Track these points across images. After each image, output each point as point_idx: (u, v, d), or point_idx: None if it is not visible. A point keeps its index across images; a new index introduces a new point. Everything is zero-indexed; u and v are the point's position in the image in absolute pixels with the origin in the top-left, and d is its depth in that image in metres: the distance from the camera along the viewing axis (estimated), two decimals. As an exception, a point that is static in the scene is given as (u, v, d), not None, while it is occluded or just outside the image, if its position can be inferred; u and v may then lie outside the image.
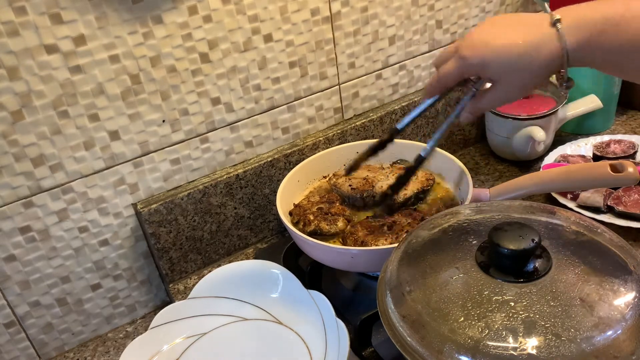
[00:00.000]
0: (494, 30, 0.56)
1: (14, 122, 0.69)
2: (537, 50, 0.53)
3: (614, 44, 0.50)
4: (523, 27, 0.55)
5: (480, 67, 0.57)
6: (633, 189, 0.85)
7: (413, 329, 0.48)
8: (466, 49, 0.57)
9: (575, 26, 0.51)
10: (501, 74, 0.57)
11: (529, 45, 0.54)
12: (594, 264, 0.50)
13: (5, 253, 0.74)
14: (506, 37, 0.55)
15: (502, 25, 0.56)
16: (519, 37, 0.54)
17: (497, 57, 0.55)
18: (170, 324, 0.74)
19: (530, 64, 0.55)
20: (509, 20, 0.57)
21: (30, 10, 0.65)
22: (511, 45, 0.54)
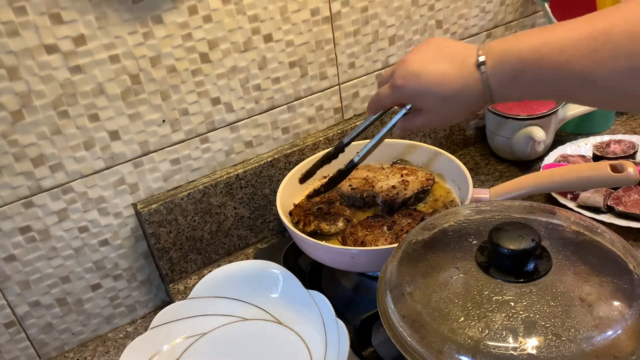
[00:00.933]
0: (427, 61, 0.59)
1: (14, 122, 0.69)
2: (464, 89, 0.56)
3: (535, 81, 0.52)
4: (453, 62, 0.57)
5: (411, 97, 0.61)
6: (633, 189, 0.85)
7: (413, 329, 0.48)
8: (400, 78, 0.60)
9: (498, 67, 0.53)
10: (430, 105, 0.61)
11: (457, 83, 0.56)
12: (594, 264, 0.50)
13: (5, 253, 0.74)
14: (437, 72, 0.57)
15: (435, 57, 0.58)
16: (449, 73, 0.57)
17: (427, 90, 0.59)
18: (170, 324, 0.74)
19: (457, 101, 0.58)
20: (441, 51, 0.59)
21: (30, 10, 0.65)
22: (441, 82, 0.57)
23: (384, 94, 0.64)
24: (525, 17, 1.11)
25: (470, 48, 0.56)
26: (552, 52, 0.49)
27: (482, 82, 0.54)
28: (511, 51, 0.52)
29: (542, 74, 0.51)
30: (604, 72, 0.47)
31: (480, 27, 1.05)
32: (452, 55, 0.57)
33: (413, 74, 0.59)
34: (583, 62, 0.48)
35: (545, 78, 0.51)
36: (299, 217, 0.80)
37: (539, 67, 0.51)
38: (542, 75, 0.51)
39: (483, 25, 1.05)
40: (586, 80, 0.49)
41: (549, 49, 0.49)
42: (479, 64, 0.54)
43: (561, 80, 0.51)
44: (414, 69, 0.59)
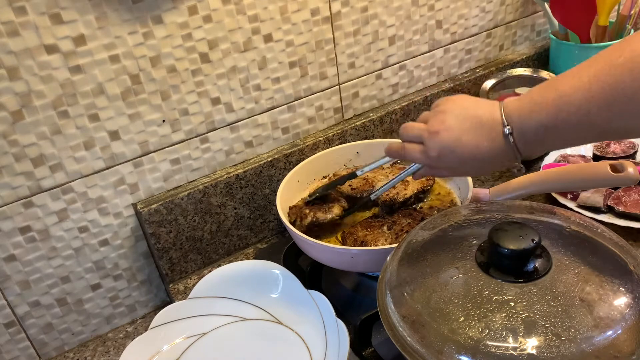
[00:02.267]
0: (459, 133, 0.59)
1: (14, 122, 0.69)
2: (494, 157, 0.59)
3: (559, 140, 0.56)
4: (482, 132, 0.58)
5: (446, 167, 0.63)
6: (633, 189, 0.85)
7: (413, 329, 0.48)
8: (433, 150, 0.61)
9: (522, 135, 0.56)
10: (462, 171, 0.66)
11: (489, 154, 0.59)
12: (594, 264, 0.50)
13: (5, 253, 0.74)
14: (470, 146, 0.59)
15: (464, 126, 0.59)
16: (482, 146, 0.58)
17: (460, 164, 0.61)
18: (170, 324, 0.74)
19: (492, 164, 0.61)
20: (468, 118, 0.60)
21: (30, 10, 0.65)
22: (474, 155, 0.59)
23: (414, 156, 0.65)
24: (525, 17, 1.11)
25: (493, 114, 0.58)
26: (569, 116, 0.52)
27: (512, 150, 0.57)
28: (532, 119, 0.55)
29: (564, 134, 0.54)
30: (622, 122, 0.50)
31: (480, 27, 1.05)
32: (479, 125, 0.59)
33: (448, 149, 0.60)
34: (599, 118, 0.50)
35: (567, 136, 0.54)
36: (295, 215, 0.80)
37: (560, 130, 0.53)
38: (564, 135, 0.54)
39: (483, 25, 1.06)
40: (609, 128, 0.51)
41: (565, 114, 0.52)
42: (506, 135, 0.56)
43: (583, 134, 0.54)
44: (448, 143, 0.60)
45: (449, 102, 0.63)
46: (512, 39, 1.12)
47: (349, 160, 0.91)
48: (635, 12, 1.02)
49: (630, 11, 1.02)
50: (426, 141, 0.62)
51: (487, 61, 1.11)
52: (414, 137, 0.64)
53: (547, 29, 1.16)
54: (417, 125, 0.64)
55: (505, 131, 0.56)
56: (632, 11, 1.02)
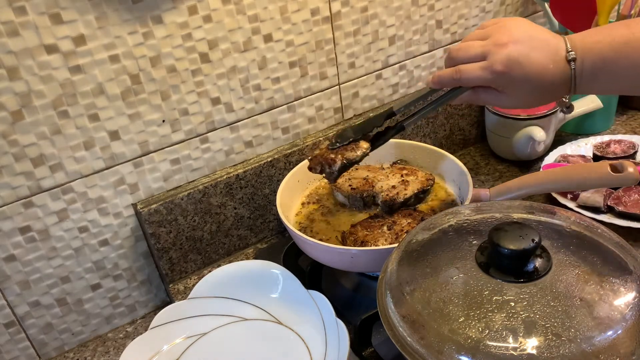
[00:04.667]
0: (526, 49, 0.58)
1: (14, 122, 0.69)
2: (557, 81, 0.58)
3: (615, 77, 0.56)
4: (548, 54, 0.58)
5: (507, 84, 0.60)
6: (633, 189, 0.85)
7: (413, 329, 0.48)
8: (500, 64, 0.58)
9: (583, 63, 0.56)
10: (520, 93, 0.60)
11: (553, 76, 0.58)
12: (594, 264, 0.50)
13: (5, 253, 0.74)
14: (538, 63, 0.57)
15: (531, 44, 0.58)
16: (548, 66, 0.57)
17: (526, 80, 0.58)
18: (170, 324, 0.74)
19: (548, 91, 0.59)
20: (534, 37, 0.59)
21: (30, 10, 0.65)
22: (540, 74, 0.58)
23: (471, 75, 0.61)
24: (525, 17, 1.11)
25: (557, 38, 0.58)
26: (633, 51, 0.52)
27: (572, 76, 0.57)
28: (595, 49, 0.55)
29: (621, 72, 0.54)
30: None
31: (480, 27, 1.05)
32: (545, 44, 0.58)
33: (516, 61, 0.57)
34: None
35: (624, 74, 0.54)
36: (320, 165, 0.73)
37: (618, 65, 0.54)
38: (621, 72, 0.54)
39: (483, 25, 1.05)
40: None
41: (630, 48, 0.52)
42: (570, 60, 0.56)
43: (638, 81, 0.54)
44: (516, 56, 0.57)
45: (509, 20, 0.61)
46: (512, 39, 1.12)
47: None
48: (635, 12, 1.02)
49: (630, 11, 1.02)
50: (491, 55, 0.59)
51: (487, 61, 1.11)
52: (474, 56, 0.60)
53: (547, 29, 1.16)
54: (477, 43, 0.61)
55: (569, 56, 0.56)
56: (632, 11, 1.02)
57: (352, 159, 0.71)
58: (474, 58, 0.61)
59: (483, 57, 0.60)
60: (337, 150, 0.72)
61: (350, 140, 0.72)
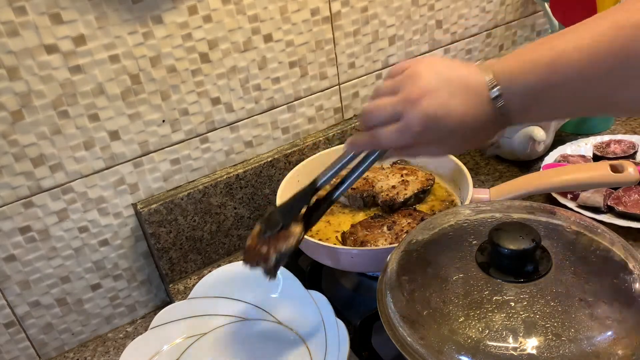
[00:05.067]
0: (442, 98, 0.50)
1: (14, 122, 0.69)
2: (484, 126, 0.51)
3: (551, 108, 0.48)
4: (468, 97, 0.50)
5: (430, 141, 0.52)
6: (633, 189, 0.85)
7: (413, 329, 0.48)
8: (418, 124, 0.50)
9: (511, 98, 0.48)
10: (447, 144, 0.53)
11: (478, 122, 0.50)
12: (594, 264, 0.50)
13: (5, 253, 0.74)
14: (457, 113, 0.50)
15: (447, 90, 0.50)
16: (469, 112, 0.50)
17: (450, 133, 0.51)
18: (170, 324, 0.74)
19: (476, 137, 0.53)
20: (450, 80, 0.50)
21: (30, 10, 0.65)
22: (462, 124, 0.50)
23: (391, 139, 0.53)
24: (525, 17, 1.11)
25: (477, 74, 0.50)
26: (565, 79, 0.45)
27: (501, 115, 0.49)
28: (519, 79, 0.47)
29: (557, 100, 0.47)
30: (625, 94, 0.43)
31: (480, 27, 1.05)
32: (464, 87, 0.50)
33: (433, 118, 0.49)
34: (600, 86, 0.44)
35: (560, 103, 0.47)
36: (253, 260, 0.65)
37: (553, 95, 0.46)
38: (557, 101, 0.47)
39: (483, 25, 1.05)
40: (606, 102, 0.45)
41: (561, 77, 0.45)
42: (494, 98, 0.49)
43: (578, 103, 0.47)
44: (432, 111, 0.49)
45: (420, 63, 0.52)
46: (512, 39, 1.12)
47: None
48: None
49: (630, 11, 1.02)
50: (405, 114, 0.50)
51: (487, 61, 1.11)
52: (388, 117, 0.52)
53: (547, 29, 1.16)
54: (387, 101, 0.52)
55: (492, 94, 0.48)
56: (632, 11, 1.02)
57: (286, 250, 0.63)
58: (388, 120, 0.52)
59: (397, 117, 0.51)
60: (269, 240, 0.64)
61: (281, 226, 0.63)
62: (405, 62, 0.53)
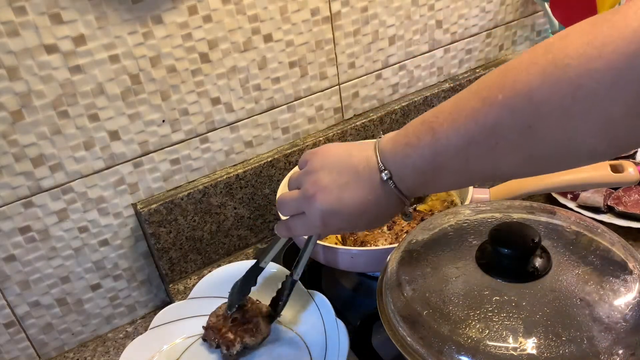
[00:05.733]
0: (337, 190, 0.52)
1: (14, 122, 0.69)
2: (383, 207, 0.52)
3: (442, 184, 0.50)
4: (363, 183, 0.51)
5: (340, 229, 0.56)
6: (633, 189, 0.85)
7: (413, 329, 0.48)
8: (319, 220, 0.53)
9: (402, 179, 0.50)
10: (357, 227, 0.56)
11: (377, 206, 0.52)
12: (594, 264, 0.50)
13: (5, 253, 0.74)
14: (355, 202, 0.52)
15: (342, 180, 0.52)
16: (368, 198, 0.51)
17: (350, 224, 0.54)
18: (170, 324, 0.74)
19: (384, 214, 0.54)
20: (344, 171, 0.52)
21: (30, 10, 0.65)
22: (362, 211, 0.52)
23: (302, 231, 0.58)
24: (525, 17, 1.11)
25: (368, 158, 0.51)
26: (447, 161, 0.46)
27: (395, 196, 0.51)
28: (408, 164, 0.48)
29: (444, 180, 0.49)
30: (505, 167, 0.45)
31: (480, 27, 1.05)
32: (355, 175, 0.52)
33: (331, 213, 0.52)
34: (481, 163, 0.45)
35: (448, 181, 0.49)
36: (216, 341, 0.70)
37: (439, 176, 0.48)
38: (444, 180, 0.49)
39: (483, 25, 1.05)
40: (493, 174, 0.48)
41: (442, 159, 0.46)
42: (384, 181, 0.50)
43: (464, 179, 0.49)
44: (328, 207, 0.52)
45: (317, 157, 0.55)
46: (512, 39, 1.12)
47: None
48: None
49: (630, 11, 1.02)
50: (306, 211, 0.54)
51: (487, 61, 1.11)
52: (293, 211, 0.56)
53: (547, 29, 1.16)
54: (291, 195, 0.56)
55: (383, 177, 0.50)
56: (632, 11, 1.02)
57: (251, 345, 0.69)
58: (295, 213, 0.57)
59: (301, 211, 0.55)
60: (237, 327, 0.70)
61: (239, 305, 0.71)
62: (306, 154, 0.56)
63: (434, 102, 1.02)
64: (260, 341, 0.70)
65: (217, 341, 0.70)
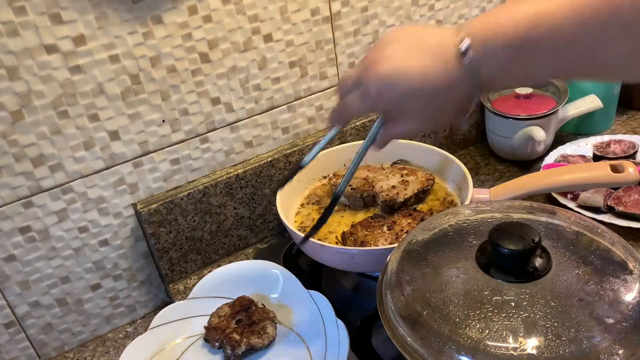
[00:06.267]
0: (400, 60, 0.48)
1: (14, 122, 0.69)
2: (449, 86, 0.47)
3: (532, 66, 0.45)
4: (432, 55, 0.47)
5: (389, 107, 0.51)
6: (633, 189, 0.85)
7: (413, 329, 0.48)
8: (372, 86, 0.50)
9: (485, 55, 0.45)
10: (412, 112, 0.51)
11: (441, 81, 0.47)
12: (594, 264, 0.50)
13: (5, 253, 0.74)
14: (415, 72, 0.47)
15: (408, 51, 0.48)
16: (430, 71, 0.47)
17: (407, 97, 0.49)
18: (170, 324, 0.74)
19: (442, 101, 0.49)
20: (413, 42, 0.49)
21: (30, 10, 0.65)
22: (422, 83, 0.47)
23: (352, 105, 0.53)
24: (525, 17, 1.11)
25: (448, 33, 0.47)
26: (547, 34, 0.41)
27: (469, 74, 0.45)
28: (499, 34, 0.43)
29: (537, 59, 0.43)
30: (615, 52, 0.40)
31: (480, 27, 1.05)
32: (428, 46, 0.47)
33: (387, 79, 0.48)
34: (588, 42, 0.40)
35: (540, 62, 0.43)
36: (220, 341, 0.70)
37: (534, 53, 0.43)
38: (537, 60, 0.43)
39: (483, 25, 1.05)
40: (594, 61, 0.42)
41: (543, 31, 0.41)
42: (461, 53, 0.45)
43: (563, 63, 0.43)
44: (387, 72, 0.48)
45: (393, 31, 0.50)
46: (512, 39, 1.12)
47: (349, 160, 0.91)
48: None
49: (630, 11, 1.02)
50: (364, 79, 0.50)
51: (487, 61, 1.11)
52: (351, 85, 0.52)
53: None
54: (354, 70, 0.52)
55: (461, 48, 0.44)
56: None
57: (257, 347, 0.69)
58: (352, 87, 0.53)
59: (359, 83, 0.52)
60: (243, 329, 0.70)
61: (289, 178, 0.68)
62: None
63: (434, 102, 1.02)
64: (268, 344, 0.70)
65: (221, 341, 0.70)
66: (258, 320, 0.71)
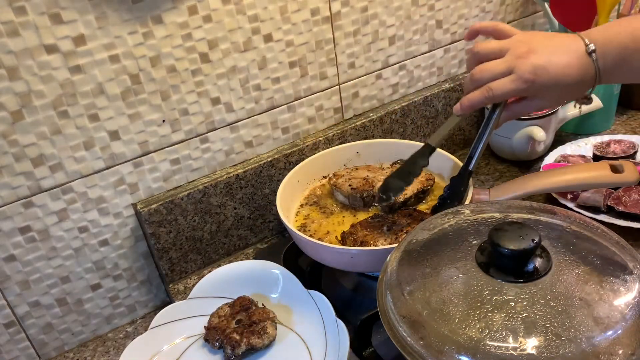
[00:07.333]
0: (548, 53, 0.62)
1: (14, 122, 0.69)
2: (583, 76, 0.62)
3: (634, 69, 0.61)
4: (569, 52, 0.62)
5: (538, 90, 0.63)
6: (633, 189, 0.85)
7: (413, 329, 0.48)
8: (529, 73, 0.62)
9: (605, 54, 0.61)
10: (550, 95, 0.64)
11: (578, 72, 0.61)
12: (594, 264, 0.50)
13: (5, 253, 0.74)
14: (562, 64, 0.61)
15: (550, 48, 0.62)
16: (572, 64, 0.61)
17: (555, 83, 0.62)
18: (170, 324, 0.74)
19: (576, 87, 0.63)
20: (552, 42, 0.63)
21: (30, 10, 0.65)
22: (565, 73, 0.61)
23: (506, 88, 0.63)
24: (525, 17, 1.11)
25: (574, 38, 0.62)
26: None
27: (595, 68, 0.61)
28: (615, 40, 0.60)
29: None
30: None
31: (480, 27, 1.05)
32: (564, 45, 0.62)
33: (541, 68, 0.61)
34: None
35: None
36: (220, 340, 0.70)
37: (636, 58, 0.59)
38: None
39: (483, 25, 1.05)
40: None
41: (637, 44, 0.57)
42: (590, 52, 0.61)
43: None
44: (540, 62, 0.61)
45: (523, 34, 0.65)
46: (512, 39, 1.12)
47: (349, 160, 0.91)
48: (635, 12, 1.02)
49: (630, 11, 1.02)
50: (517, 67, 0.62)
51: (487, 61, 1.11)
52: (500, 73, 0.64)
53: (547, 29, 1.16)
54: (499, 61, 0.64)
55: (589, 49, 0.60)
56: (632, 11, 1.02)
57: (257, 347, 0.69)
58: (500, 75, 0.64)
59: (509, 71, 0.63)
60: (243, 329, 0.70)
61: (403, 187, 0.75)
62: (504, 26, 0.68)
63: (434, 102, 1.02)
64: (268, 344, 0.70)
65: (221, 341, 0.70)
66: (258, 320, 0.71)
